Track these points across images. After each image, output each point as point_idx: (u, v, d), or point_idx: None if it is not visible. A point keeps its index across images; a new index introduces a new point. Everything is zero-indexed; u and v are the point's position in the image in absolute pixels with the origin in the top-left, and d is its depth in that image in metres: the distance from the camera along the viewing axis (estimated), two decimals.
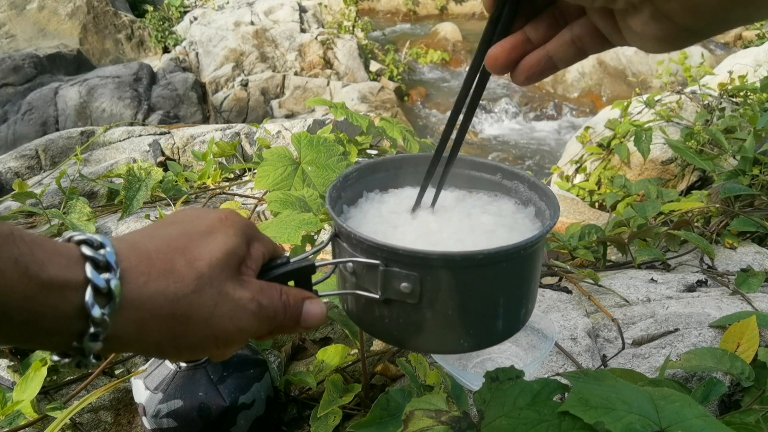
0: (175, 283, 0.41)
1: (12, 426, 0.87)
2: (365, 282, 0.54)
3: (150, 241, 0.43)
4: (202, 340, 0.44)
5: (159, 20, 7.29)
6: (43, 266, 0.35)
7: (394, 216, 0.65)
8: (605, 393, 0.49)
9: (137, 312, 0.40)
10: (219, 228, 0.47)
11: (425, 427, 0.52)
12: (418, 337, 0.56)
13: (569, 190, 2.63)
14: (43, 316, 0.36)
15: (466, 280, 0.52)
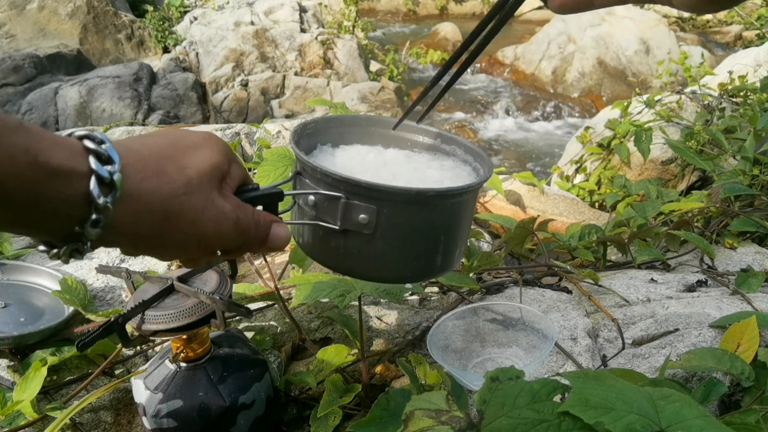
0: (168, 183, 0.45)
1: (12, 426, 0.87)
2: (325, 214, 0.60)
3: (142, 147, 0.46)
4: (188, 239, 0.48)
5: (159, 20, 7.29)
6: (51, 155, 0.38)
7: (347, 167, 0.70)
8: (605, 393, 0.49)
9: (134, 204, 0.43)
10: (204, 144, 0.51)
11: (425, 426, 0.52)
12: (368, 266, 0.63)
13: (569, 190, 2.63)
14: (49, 200, 0.39)
15: (417, 214, 0.60)
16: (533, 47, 7.12)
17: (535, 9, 9.04)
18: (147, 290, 0.78)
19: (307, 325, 1.11)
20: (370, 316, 1.10)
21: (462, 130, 6.32)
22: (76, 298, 1.07)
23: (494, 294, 1.17)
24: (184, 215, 0.46)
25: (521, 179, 2.05)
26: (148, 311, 0.74)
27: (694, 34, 7.51)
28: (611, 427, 0.45)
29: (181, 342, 0.78)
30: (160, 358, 0.82)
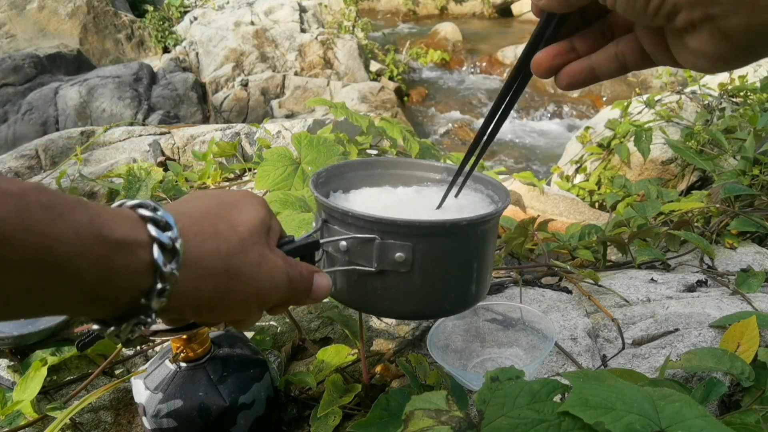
0: (225, 243, 0.46)
1: (12, 426, 0.87)
2: (359, 257, 0.60)
3: (192, 210, 0.47)
4: (248, 296, 0.48)
5: (159, 20, 7.29)
6: (114, 228, 0.38)
7: (366, 209, 0.71)
8: (605, 393, 0.49)
9: (197, 268, 0.43)
10: (246, 201, 0.52)
11: (425, 426, 0.52)
12: (407, 304, 0.64)
13: (569, 190, 2.63)
14: (117, 273, 0.38)
15: (452, 245, 0.60)
16: None
17: None
18: None
19: (307, 325, 1.11)
20: (370, 316, 1.10)
21: (461, 130, 6.32)
22: None
23: (494, 294, 1.17)
24: (243, 272, 0.47)
25: (521, 179, 2.05)
26: None
27: None
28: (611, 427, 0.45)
29: (181, 342, 0.78)
30: (160, 358, 0.82)
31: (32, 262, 0.34)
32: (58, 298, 0.36)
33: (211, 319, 0.49)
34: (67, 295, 0.36)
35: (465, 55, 7.73)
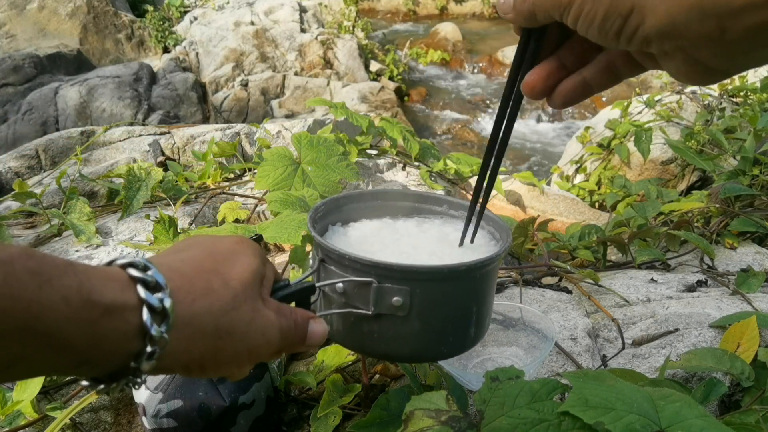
0: (217, 301, 0.44)
1: (12, 426, 0.87)
2: (356, 300, 0.59)
3: (182, 264, 0.45)
4: (239, 354, 0.46)
5: (159, 20, 7.29)
6: (103, 292, 0.37)
7: (364, 246, 0.71)
8: (605, 393, 0.49)
9: (187, 329, 0.42)
10: (240, 250, 0.50)
11: (425, 426, 0.52)
12: (404, 348, 0.62)
13: (569, 190, 2.63)
14: (105, 339, 0.37)
15: (450, 289, 0.60)
16: None
17: None
18: None
19: None
20: None
21: (462, 129, 6.32)
22: None
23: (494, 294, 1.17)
24: (235, 331, 0.45)
25: (521, 179, 2.05)
26: None
27: None
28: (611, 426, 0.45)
29: None
30: None
31: (21, 330, 0.33)
32: (48, 363, 0.36)
33: (201, 375, 0.47)
34: (58, 360, 0.36)
35: (465, 55, 7.73)
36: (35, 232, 1.48)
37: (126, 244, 1.33)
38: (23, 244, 0.34)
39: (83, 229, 1.34)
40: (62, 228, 1.44)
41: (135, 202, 1.39)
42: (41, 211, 1.47)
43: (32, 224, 1.55)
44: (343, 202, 0.76)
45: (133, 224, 1.45)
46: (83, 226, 1.35)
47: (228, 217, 1.43)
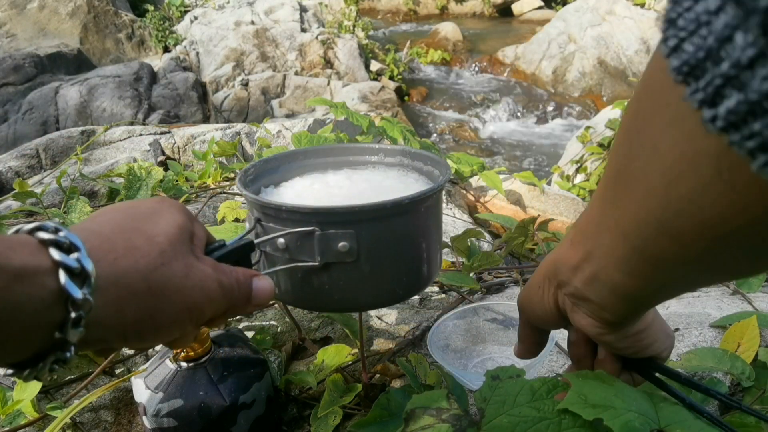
0: (143, 257, 0.41)
1: (12, 425, 0.87)
2: (300, 253, 0.56)
3: (98, 226, 0.42)
4: (178, 314, 0.43)
5: (159, 20, 7.29)
6: (9, 256, 0.33)
7: (297, 200, 0.68)
8: (604, 391, 0.50)
9: (114, 290, 0.38)
10: (161, 208, 0.47)
11: (426, 425, 0.52)
12: (358, 296, 0.60)
13: (570, 189, 2.63)
14: (21, 308, 0.33)
15: (396, 227, 0.58)
16: (533, 47, 7.13)
17: (535, 9, 9.04)
18: None
19: (307, 325, 1.11)
20: (370, 315, 1.10)
21: (462, 129, 6.32)
22: None
23: (495, 294, 1.17)
24: (168, 288, 0.42)
25: (521, 179, 2.05)
26: None
27: None
28: (610, 423, 0.45)
29: None
30: (161, 358, 0.82)
31: None
32: None
33: (141, 344, 0.44)
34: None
35: (465, 54, 7.73)
36: None
37: None
38: None
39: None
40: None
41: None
42: (42, 210, 1.48)
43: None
44: (275, 164, 0.74)
45: None
46: None
47: (228, 216, 1.43)
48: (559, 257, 0.49)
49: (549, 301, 0.52)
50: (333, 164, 0.77)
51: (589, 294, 0.46)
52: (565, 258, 0.48)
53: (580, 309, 0.49)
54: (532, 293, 0.54)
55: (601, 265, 0.43)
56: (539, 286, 0.53)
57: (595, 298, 0.46)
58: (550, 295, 0.52)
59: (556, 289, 0.51)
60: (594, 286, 0.45)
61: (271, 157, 0.74)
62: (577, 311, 0.50)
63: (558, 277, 0.49)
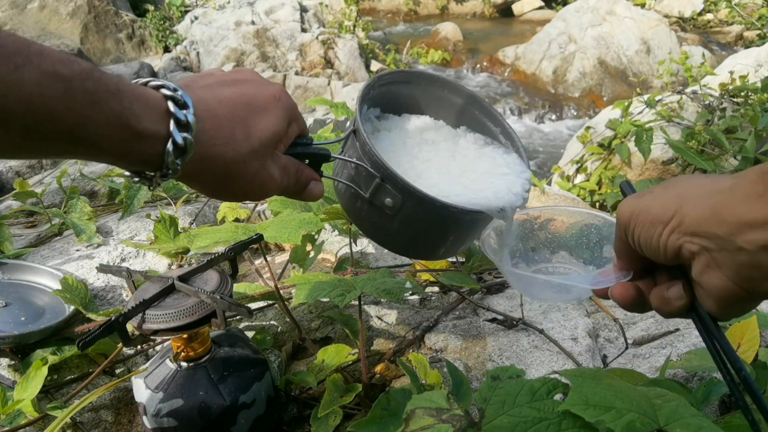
0: (233, 150, 0.52)
1: (13, 425, 0.87)
2: (360, 181, 0.66)
3: (219, 105, 0.52)
4: (237, 191, 0.57)
5: (160, 20, 7.29)
6: (140, 119, 0.46)
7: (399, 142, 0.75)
8: (604, 392, 0.50)
9: (200, 164, 0.51)
10: (272, 107, 0.57)
11: (426, 425, 0.52)
12: (380, 235, 0.71)
13: (570, 190, 2.63)
14: (133, 155, 0.47)
15: (435, 218, 0.66)
16: (534, 47, 7.12)
17: (536, 9, 9.04)
18: (148, 289, 0.78)
19: (307, 325, 1.11)
20: (370, 315, 1.10)
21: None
22: (77, 297, 1.07)
23: (495, 294, 1.17)
24: (239, 178, 0.54)
25: None
26: (148, 310, 0.74)
27: (695, 34, 7.50)
28: (612, 425, 0.45)
29: (182, 341, 0.78)
30: (161, 358, 0.82)
31: (69, 134, 0.43)
32: (88, 157, 0.47)
33: (219, 198, 0.59)
34: (95, 158, 0.47)
35: (466, 54, 7.72)
36: (36, 231, 1.48)
37: (127, 243, 1.33)
38: (88, 64, 0.40)
39: (84, 229, 1.34)
40: (63, 227, 1.44)
41: (136, 201, 1.39)
42: (42, 210, 1.47)
43: (33, 223, 1.55)
44: (412, 78, 0.78)
45: (133, 223, 1.45)
46: (84, 226, 1.35)
47: (228, 216, 1.43)
48: (718, 205, 0.43)
49: (664, 242, 0.47)
50: (468, 117, 0.81)
51: (765, 260, 0.40)
52: (740, 211, 0.41)
53: (720, 270, 0.44)
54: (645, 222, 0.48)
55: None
56: (653, 222, 0.47)
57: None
58: (669, 239, 0.46)
59: (684, 236, 0.45)
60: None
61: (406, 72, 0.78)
62: (712, 271, 0.44)
63: (707, 227, 0.43)
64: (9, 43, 0.40)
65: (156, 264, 1.30)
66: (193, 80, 0.55)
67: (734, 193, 0.42)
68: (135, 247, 1.32)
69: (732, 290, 0.43)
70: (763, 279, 0.41)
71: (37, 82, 0.40)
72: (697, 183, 0.46)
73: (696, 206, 0.44)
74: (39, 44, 0.42)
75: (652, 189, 0.50)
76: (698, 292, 0.47)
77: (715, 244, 0.43)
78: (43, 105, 0.41)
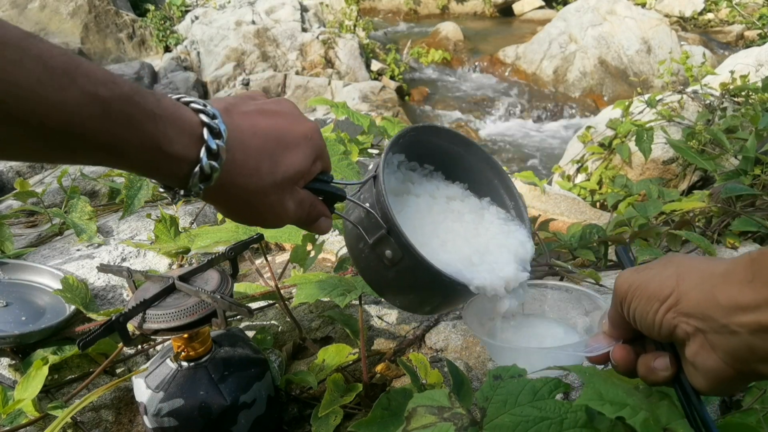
0: (256, 182, 0.55)
1: (13, 425, 0.87)
2: (368, 226, 0.68)
3: (253, 136, 0.55)
4: (253, 218, 0.60)
5: (160, 19, 7.29)
6: (172, 143, 0.48)
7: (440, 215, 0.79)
8: (614, 389, 0.50)
9: (222, 190, 0.53)
10: (302, 145, 0.59)
11: (428, 423, 0.52)
12: (373, 277, 0.74)
13: (570, 189, 2.63)
14: (159, 171, 0.50)
15: (430, 282, 0.67)
16: (534, 47, 7.12)
17: (536, 9, 9.03)
18: (148, 289, 0.78)
19: (307, 325, 1.11)
20: (371, 315, 1.10)
21: (463, 129, 6.32)
22: (78, 297, 1.07)
23: None
24: (256, 208, 0.57)
25: (522, 179, 2.05)
26: (149, 310, 0.74)
27: (695, 33, 7.50)
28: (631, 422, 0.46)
29: (182, 341, 0.78)
30: (161, 357, 0.82)
31: (104, 149, 0.45)
32: (119, 168, 0.49)
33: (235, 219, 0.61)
34: (126, 169, 0.49)
35: (466, 54, 7.72)
36: (37, 231, 1.48)
37: (127, 243, 1.33)
38: (131, 85, 0.45)
39: (84, 228, 1.34)
40: (63, 227, 1.44)
41: (136, 201, 1.39)
42: (42, 210, 1.47)
43: (33, 223, 1.55)
44: (441, 134, 0.80)
45: (134, 223, 1.45)
46: (84, 225, 1.35)
47: None
48: (714, 288, 0.44)
49: (659, 320, 0.48)
50: (478, 178, 0.84)
51: (756, 342, 0.42)
52: (732, 295, 0.43)
53: (714, 351, 0.45)
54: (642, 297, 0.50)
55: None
56: (650, 298, 0.49)
57: (762, 349, 0.42)
58: (665, 317, 0.48)
59: (680, 316, 0.47)
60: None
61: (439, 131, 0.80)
62: (706, 352, 0.46)
63: (703, 309, 0.45)
64: (59, 64, 0.41)
65: (156, 264, 1.30)
66: (235, 104, 0.56)
67: (727, 278, 0.44)
68: (135, 247, 1.32)
69: (725, 371, 0.45)
70: (756, 362, 0.43)
71: (78, 103, 0.42)
72: (694, 264, 0.48)
73: (693, 287, 0.46)
74: (87, 63, 0.43)
75: (650, 264, 0.52)
76: (689, 370, 0.48)
77: (710, 326, 0.44)
78: (81, 124, 0.43)
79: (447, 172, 0.85)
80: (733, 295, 0.43)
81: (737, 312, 0.42)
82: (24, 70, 0.39)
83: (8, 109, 0.39)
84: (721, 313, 0.43)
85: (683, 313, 0.46)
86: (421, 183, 0.82)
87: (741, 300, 0.42)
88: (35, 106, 0.40)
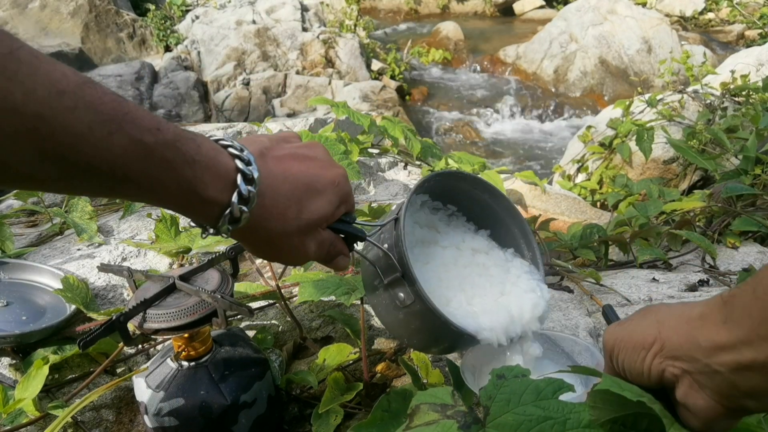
0: (281, 226, 0.57)
1: (14, 424, 0.87)
2: (384, 266, 0.71)
3: (284, 183, 0.57)
4: (274, 256, 0.63)
5: (161, 19, 7.29)
6: (207, 187, 0.51)
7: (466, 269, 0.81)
8: (629, 385, 0.50)
9: (248, 233, 0.57)
10: (329, 191, 0.61)
11: (431, 420, 0.52)
12: (384, 316, 0.76)
13: (571, 189, 2.63)
14: (192, 212, 0.53)
15: (438, 327, 0.70)
16: (535, 46, 7.12)
17: (537, 8, 9.03)
18: (148, 289, 0.78)
19: (308, 324, 1.11)
20: (371, 314, 1.10)
21: (463, 129, 6.32)
22: (78, 296, 1.07)
23: None
24: (279, 249, 0.60)
25: (523, 178, 2.05)
26: (149, 310, 0.74)
27: (696, 33, 7.49)
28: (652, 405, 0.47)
29: (183, 340, 0.78)
30: (162, 357, 0.82)
31: (142, 189, 0.48)
32: (153, 204, 0.51)
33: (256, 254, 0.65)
34: (159, 205, 0.52)
35: (467, 54, 7.72)
36: (37, 230, 1.48)
37: (128, 242, 1.33)
38: (174, 131, 0.49)
39: (85, 228, 1.34)
40: (64, 227, 1.44)
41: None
42: (43, 209, 1.47)
43: (34, 223, 1.55)
44: (468, 179, 0.82)
45: (134, 223, 1.45)
46: (85, 225, 1.35)
47: None
48: (693, 331, 0.46)
49: (648, 366, 0.50)
50: (499, 226, 0.85)
51: (738, 380, 0.43)
52: (709, 335, 0.45)
53: (702, 390, 0.46)
54: (628, 348, 0.52)
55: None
56: (635, 348, 0.51)
57: (744, 385, 0.43)
58: (653, 363, 0.49)
59: (666, 360, 0.48)
60: (750, 374, 0.42)
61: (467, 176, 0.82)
62: (695, 392, 0.47)
63: (686, 351, 0.46)
64: (107, 110, 0.44)
65: (157, 263, 1.30)
66: (270, 147, 0.59)
67: (704, 320, 0.46)
68: (136, 247, 1.32)
69: (716, 409, 0.46)
70: (742, 397, 0.44)
71: (123, 148, 0.45)
72: (672, 310, 0.50)
73: (674, 332, 0.48)
74: (135, 109, 0.46)
75: (631, 317, 0.54)
76: (682, 412, 0.49)
77: (695, 366, 0.46)
78: (124, 166, 0.45)
79: (468, 214, 0.87)
80: (711, 336, 0.44)
81: (717, 352, 0.44)
82: (77, 116, 0.42)
83: (62, 152, 0.42)
84: (702, 353, 0.45)
85: (669, 357, 0.48)
86: (447, 233, 0.84)
87: (718, 340, 0.44)
88: (84, 148, 0.43)
